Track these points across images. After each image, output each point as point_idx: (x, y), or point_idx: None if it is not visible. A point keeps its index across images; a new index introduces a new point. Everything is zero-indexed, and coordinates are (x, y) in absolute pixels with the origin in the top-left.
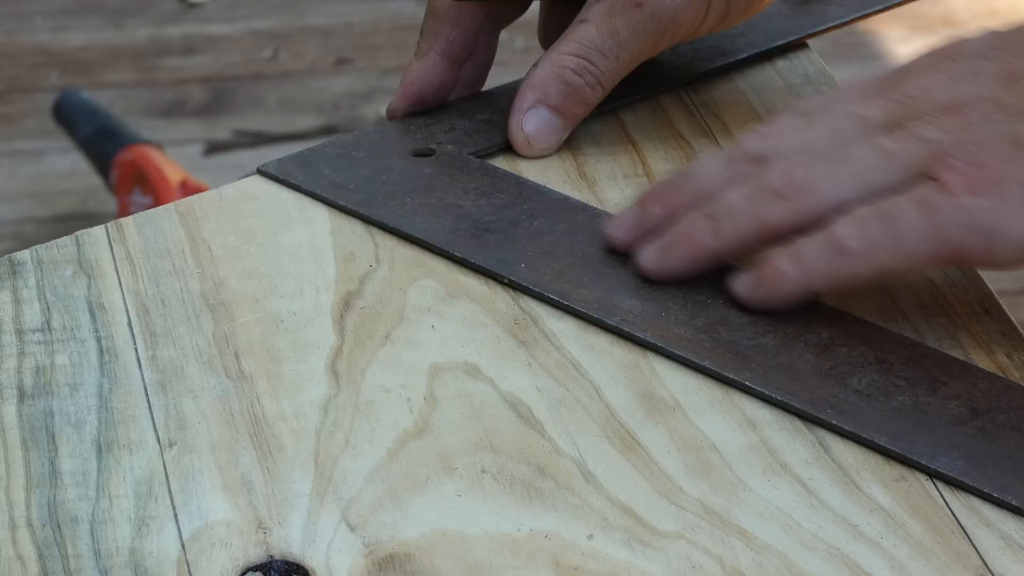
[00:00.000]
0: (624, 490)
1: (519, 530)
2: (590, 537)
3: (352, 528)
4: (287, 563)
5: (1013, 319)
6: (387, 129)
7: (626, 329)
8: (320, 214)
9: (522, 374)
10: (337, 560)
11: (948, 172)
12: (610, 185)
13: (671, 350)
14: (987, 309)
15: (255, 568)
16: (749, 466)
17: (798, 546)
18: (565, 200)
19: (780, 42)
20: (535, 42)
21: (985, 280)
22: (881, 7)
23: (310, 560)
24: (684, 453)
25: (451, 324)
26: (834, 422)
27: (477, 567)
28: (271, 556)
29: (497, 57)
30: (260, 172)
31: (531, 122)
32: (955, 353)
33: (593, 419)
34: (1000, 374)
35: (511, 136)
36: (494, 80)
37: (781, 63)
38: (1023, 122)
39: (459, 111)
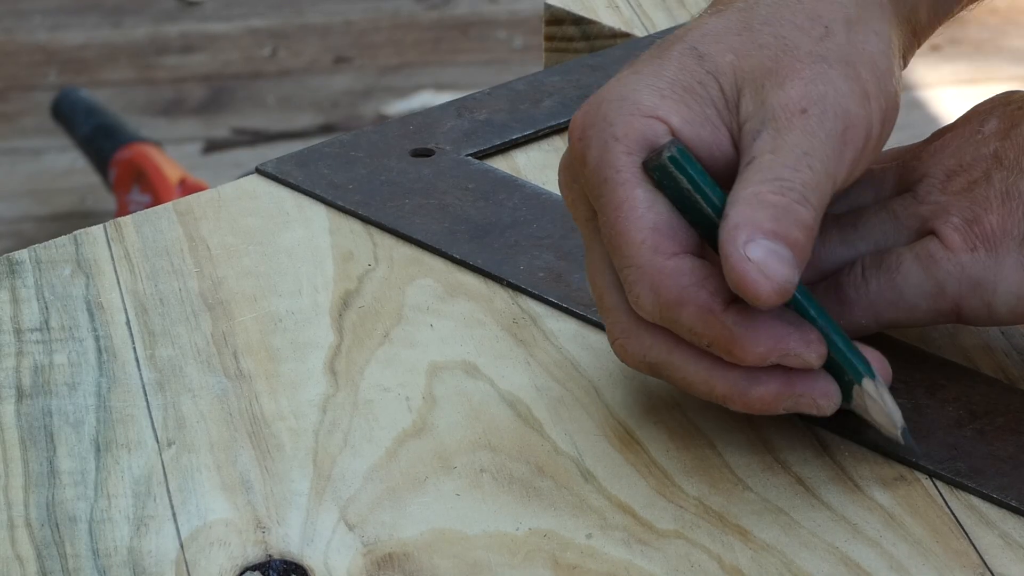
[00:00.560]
0: (623, 489)
1: (518, 529)
2: (589, 536)
3: (351, 527)
4: (286, 562)
5: None
6: (386, 129)
7: None
8: (319, 213)
9: (521, 373)
10: (336, 559)
11: (947, 229)
12: None
13: None
14: None
15: (253, 567)
16: (748, 465)
17: (797, 545)
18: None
19: None
20: (534, 40)
21: None
22: None
23: (308, 559)
24: (683, 452)
25: (449, 323)
26: (831, 425)
27: (476, 566)
28: (269, 555)
29: (497, 55)
30: (259, 171)
31: (755, 251)
32: (954, 351)
33: (592, 418)
34: (999, 374)
35: (738, 279)
36: (494, 78)
37: None
38: (1016, 174)
39: (458, 112)
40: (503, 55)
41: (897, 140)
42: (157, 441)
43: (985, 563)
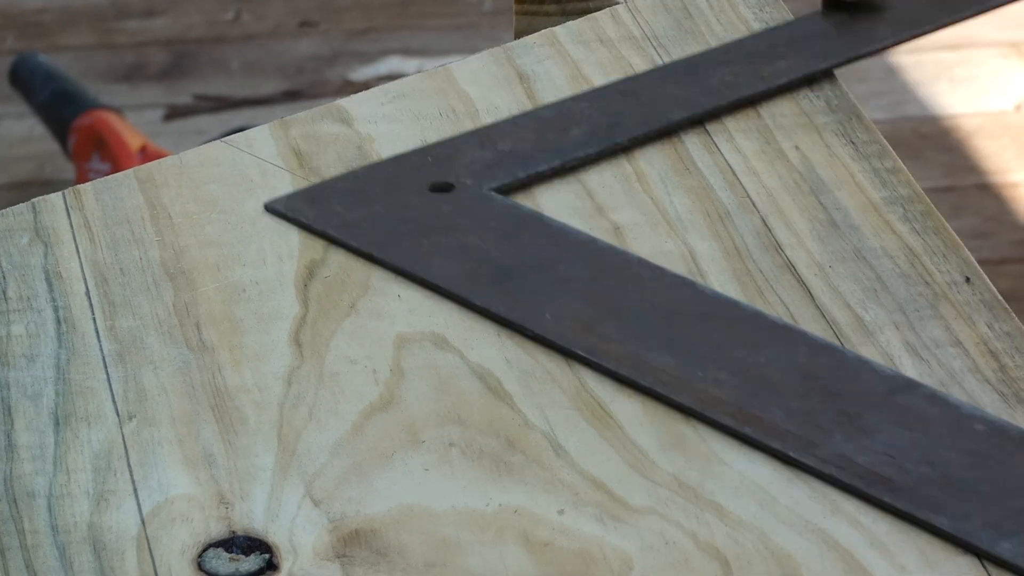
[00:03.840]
0: (595, 464)
1: (488, 505)
2: (561, 512)
3: (316, 503)
4: (249, 539)
5: (994, 288)
6: (404, 161)
7: (660, 391)
8: (283, 181)
9: (491, 345)
10: (301, 536)
11: None
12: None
13: (708, 415)
14: (968, 278)
15: (217, 544)
16: (724, 439)
17: (774, 521)
18: (592, 243)
19: (823, 66)
20: (504, 4)
21: (966, 249)
22: (931, 27)
23: (273, 536)
24: (657, 426)
25: (418, 293)
26: (886, 499)
27: (445, 543)
28: (233, 532)
29: (466, 19)
30: (267, 209)
31: None
32: (936, 323)
33: (563, 391)
34: (983, 343)
35: None
36: (463, 43)
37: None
38: None
39: (480, 141)
40: (472, 19)
41: (878, 107)
42: (117, 414)
43: None
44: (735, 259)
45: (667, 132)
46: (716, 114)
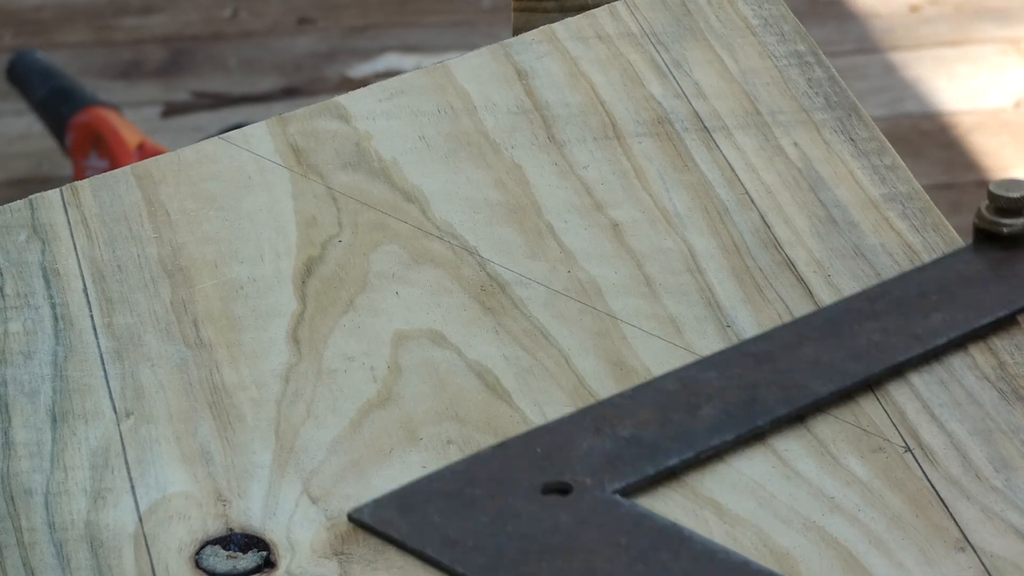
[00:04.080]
0: None
1: None
2: None
3: (314, 500)
4: (247, 536)
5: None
6: (509, 453)
7: None
8: (282, 178)
9: (489, 342)
10: (299, 533)
11: None
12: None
13: None
14: None
15: (214, 542)
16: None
17: (773, 519)
18: (745, 566)
19: (984, 320)
20: (503, 1)
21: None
22: None
23: (271, 533)
24: None
25: (416, 290)
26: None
27: None
28: (231, 529)
29: (464, 16)
30: (351, 518)
31: None
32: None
33: (562, 388)
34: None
35: None
36: (462, 40)
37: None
38: None
39: (595, 424)
40: (471, 16)
41: (877, 103)
42: (115, 411)
43: (966, 537)
44: (734, 256)
45: (813, 409)
46: (866, 384)
